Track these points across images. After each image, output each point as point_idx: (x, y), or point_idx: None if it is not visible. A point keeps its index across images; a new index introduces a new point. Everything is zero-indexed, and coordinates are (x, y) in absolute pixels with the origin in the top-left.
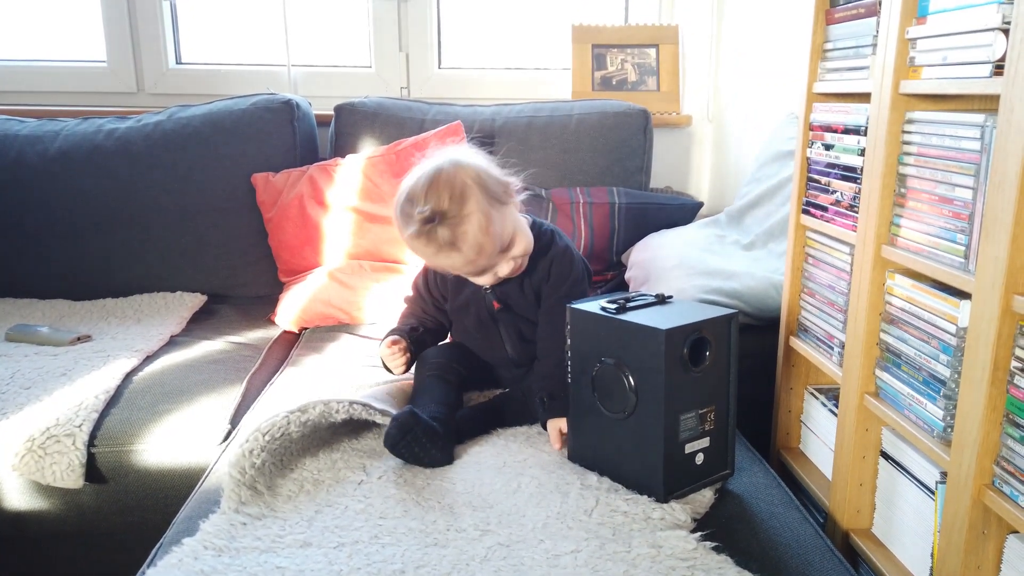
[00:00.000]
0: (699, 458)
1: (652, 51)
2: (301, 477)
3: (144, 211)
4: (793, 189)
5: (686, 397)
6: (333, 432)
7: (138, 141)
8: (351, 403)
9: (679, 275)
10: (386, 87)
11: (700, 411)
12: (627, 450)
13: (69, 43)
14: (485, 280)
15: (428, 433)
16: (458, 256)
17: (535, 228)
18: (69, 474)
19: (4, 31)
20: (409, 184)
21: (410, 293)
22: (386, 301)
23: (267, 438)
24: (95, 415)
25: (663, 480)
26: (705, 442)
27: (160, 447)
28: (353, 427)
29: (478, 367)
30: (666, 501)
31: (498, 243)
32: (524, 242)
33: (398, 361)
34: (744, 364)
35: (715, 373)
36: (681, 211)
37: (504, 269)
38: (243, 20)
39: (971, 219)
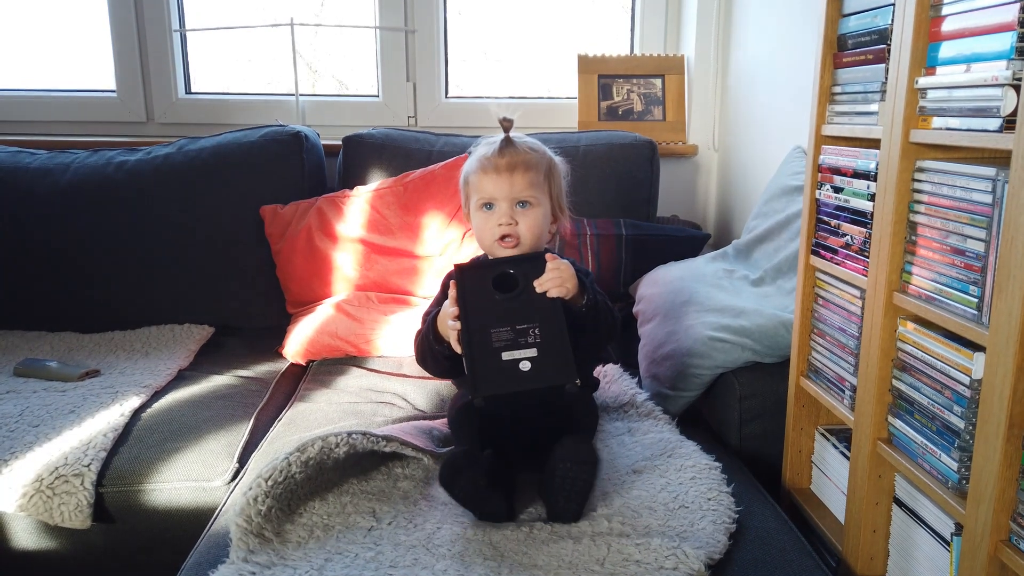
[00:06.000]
0: (524, 365)
1: (658, 81)
2: (311, 522)
3: (153, 243)
4: (802, 230)
5: (497, 315)
6: (342, 474)
7: (147, 173)
8: (349, 434)
9: (688, 311)
10: (393, 117)
11: (517, 326)
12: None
13: (79, 73)
14: (502, 215)
15: (489, 475)
16: (519, 171)
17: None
18: (77, 514)
19: (15, 61)
20: None
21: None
22: (393, 333)
23: (270, 483)
24: (104, 454)
25: (474, 379)
26: (530, 352)
27: (168, 487)
28: (362, 468)
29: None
30: (479, 397)
31: (537, 190)
32: (541, 226)
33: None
34: (754, 402)
35: (534, 300)
36: (688, 243)
37: (523, 221)
38: (252, 51)
39: (984, 271)
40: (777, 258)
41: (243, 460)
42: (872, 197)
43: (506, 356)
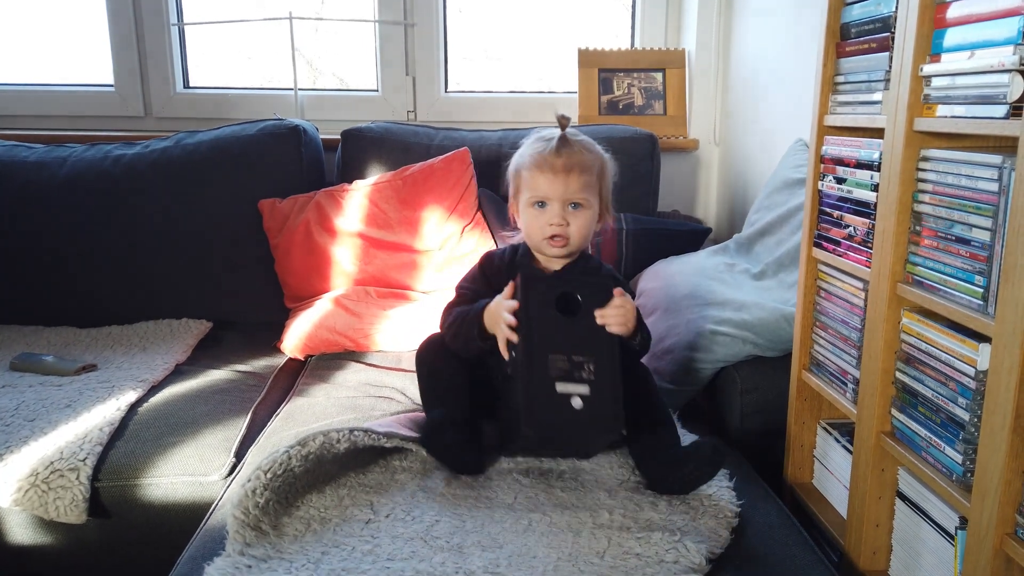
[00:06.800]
0: (576, 402)
1: (659, 75)
2: (308, 515)
3: (150, 237)
4: (804, 222)
5: (555, 338)
6: (340, 467)
7: (145, 168)
8: (351, 431)
9: (689, 305)
10: (392, 111)
11: (573, 357)
12: (515, 391)
13: (77, 67)
14: (554, 215)
15: (460, 437)
16: (575, 172)
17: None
18: (72, 509)
19: (13, 55)
20: None
21: (453, 298)
22: (392, 328)
23: (269, 476)
24: (99, 448)
25: (528, 409)
26: (583, 389)
27: (164, 481)
28: (360, 461)
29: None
30: (531, 431)
31: (589, 192)
32: (589, 229)
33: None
34: (756, 396)
35: (592, 329)
36: (689, 237)
37: (574, 223)
38: (251, 46)
39: (990, 261)
40: (779, 252)
41: (240, 455)
42: (876, 187)
43: (560, 388)
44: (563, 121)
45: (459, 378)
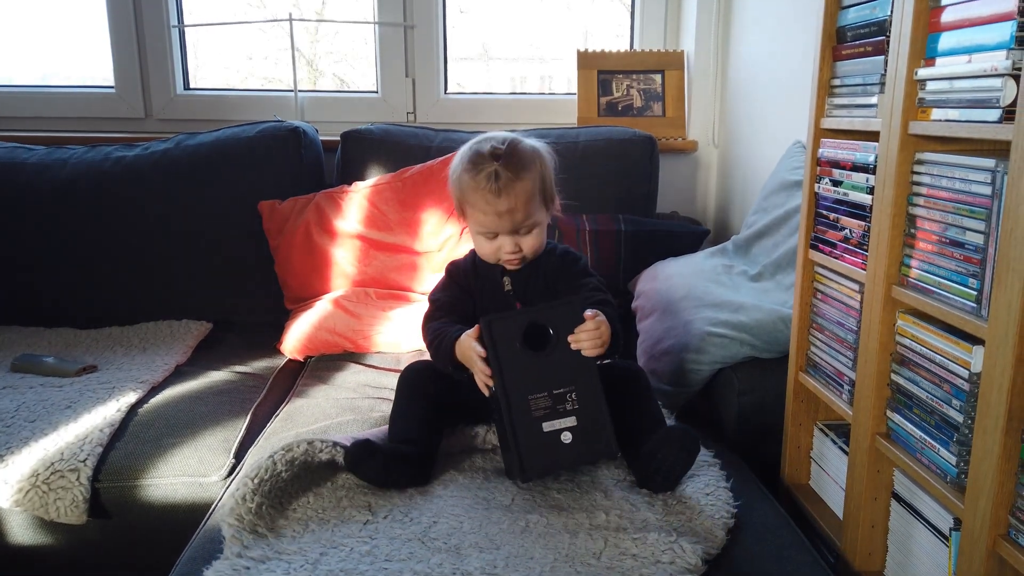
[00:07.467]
0: (566, 436)
1: (658, 77)
2: (306, 516)
3: (150, 238)
4: (801, 224)
5: (532, 377)
6: (337, 468)
7: (145, 169)
8: (335, 444)
9: (686, 306)
10: (392, 113)
11: (554, 391)
12: (503, 438)
13: (77, 69)
14: (505, 244)
15: (391, 458)
16: (518, 207)
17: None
18: (73, 510)
19: (13, 57)
20: (485, 136)
21: (429, 309)
22: (392, 329)
23: (256, 481)
24: (100, 449)
25: (520, 460)
26: (570, 421)
27: (164, 482)
28: None
29: (462, 390)
30: (528, 479)
31: (536, 212)
32: (542, 238)
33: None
34: (753, 397)
35: (567, 357)
36: (687, 238)
37: (527, 244)
38: (252, 47)
39: (983, 264)
40: (776, 253)
41: (240, 456)
42: (871, 190)
43: (547, 427)
44: (496, 152)
45: (423, 410)
